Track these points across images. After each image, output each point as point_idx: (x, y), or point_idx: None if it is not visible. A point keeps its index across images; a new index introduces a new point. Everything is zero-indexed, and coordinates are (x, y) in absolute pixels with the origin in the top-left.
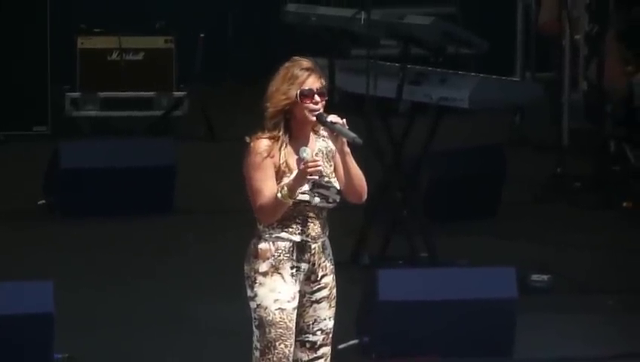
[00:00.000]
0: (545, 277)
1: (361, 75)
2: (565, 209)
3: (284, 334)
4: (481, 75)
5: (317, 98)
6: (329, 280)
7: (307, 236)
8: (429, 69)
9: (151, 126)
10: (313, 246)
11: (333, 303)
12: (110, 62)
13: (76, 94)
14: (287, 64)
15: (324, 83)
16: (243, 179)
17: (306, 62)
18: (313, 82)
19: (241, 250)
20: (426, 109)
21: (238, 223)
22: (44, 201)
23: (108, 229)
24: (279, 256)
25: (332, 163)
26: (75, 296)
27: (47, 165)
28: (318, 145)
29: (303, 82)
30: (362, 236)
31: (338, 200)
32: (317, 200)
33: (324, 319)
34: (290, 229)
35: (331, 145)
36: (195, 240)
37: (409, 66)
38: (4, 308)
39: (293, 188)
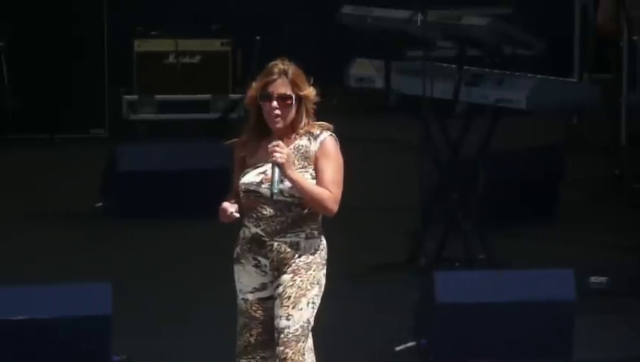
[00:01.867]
0: (603, 278)
1: (417, 76)
2: (624, 210)
3: (249, 324)
4: (539, 76)
5: (274, 103)
6: (287, 277)
7: (262, 231)
8: (486, 70)
9: (207, 129)
10: (269, 242)
11: (287, 302)
12: (167, 65)
13: (133, 97)
14: (274, 62)
15: (287, 93)
16: None
17: (282, 66)
18: (278, 87)
19: None
20: (482, 111)
21: None
22: (101, 204)
23: (164, 232)
24: (242, 245)
25: (306, 164)
26: (132, 298)
27: (104, 168)
28: (298, 142)
29: (269, 83)
30: (419, 238)
31: (295, 196)
32: (267, 192)
33: (277, 317)
34: (250, 220)
35: (313, 148)
36: None
37: (465, 68)
38: (63, 310)
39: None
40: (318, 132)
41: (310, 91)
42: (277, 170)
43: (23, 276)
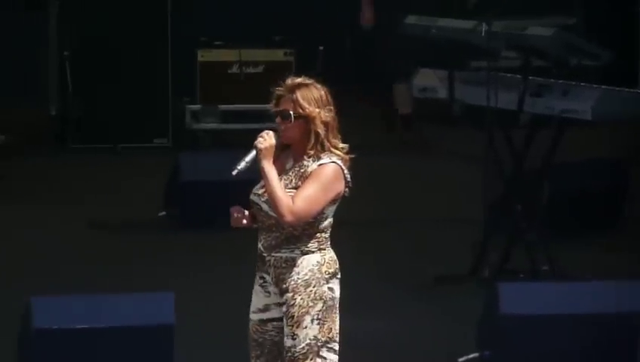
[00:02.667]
0: None
1: (481, 86)
2: None
3: (251, 345)
4: (604, 86)
5: (277, 119)
6: (288, 296)
7: (262, 246)
8: (551, 80)
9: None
10: (267, 258)
11: (291, 321)
12: (230, 75)
13: (196, 107)
14: (290, 78)
15: (288, 110)
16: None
17: (291, 83)
18: (282, 103)
19: (360, 261)
20: (547, 121)
21: (352, 234)
22: (164, 213)
23: (228, 241)
24: (256, 262)
25: (300, 183)
26: (195, 307)
27: (167, 177)
28: (302, 162)
29: (279, 99)
30: (482, 249)
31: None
32: (265, 206)
33: (285, 336)
34: (258, 235)
35: (310, 168)
36: None
37: (530, 78)
38: (126, 319)
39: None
40: (325, 157)
41: (316, 112)
42: (252, 153)
43: (87, 284)
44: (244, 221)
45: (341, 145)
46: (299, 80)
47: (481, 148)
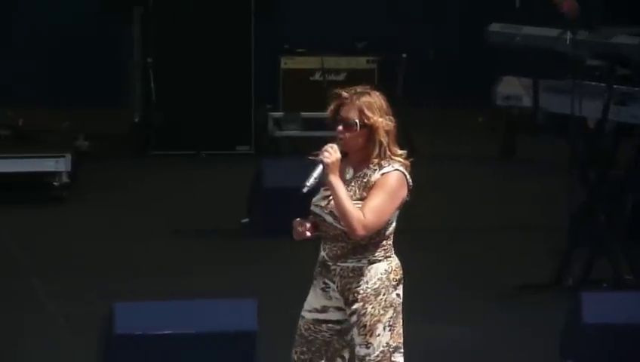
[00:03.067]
0: None
1: (566, 95)
2: None
3: (298, 340)
4: None
5: (340, 127)
6: (358, 306)
7: (327, 255)
8: (636, 89)
9: None
10: (333, 267)
11: (363, 331)
12: (313, 82)
13: (279, 114)
14: (351, 87)
15: (353, 119)
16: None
17: (355, 91)
18: (345, 111)
19: (442, 270)
20: (631, 130)
21: (437, 243)
22: (247, 220)
23: (310, 248)
24: (317, 266)
25: (365, 194)
26: (278, 314)
27: (250, 184)
28: (364, 171)
29: (340, 107)
30: (566, 258)
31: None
32: (329, 218)
33: (357, 345)
34: (321, 243)
35: (374, 178)
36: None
37: (615, 86)
38: (209, 325)
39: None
40: (386, 165)
41: (379, 121)
42: (319, 168)
43: (170, 291)
44: (308, 233)
45: (400, 151)
46: (360, 88)
47: (564, 156)
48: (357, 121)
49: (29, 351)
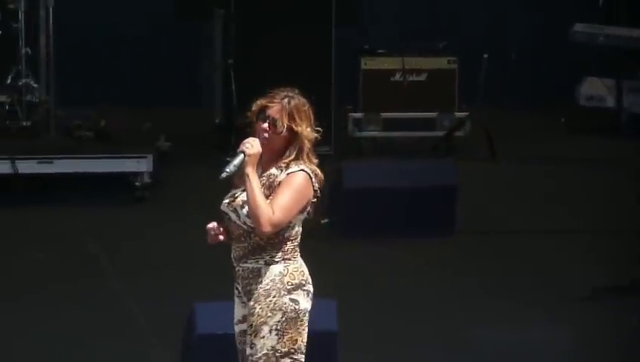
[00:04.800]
0: None
1: None
2: None
3: (238, 355)
4: None
5: (265, 125)
6: (250, 306)
7: (233, 256)
8: None
9: (433, 146)
10: (237, 268)
11: (250, 330)
12: (393, 83)
13: (359, 115)
14: (283, 89)
15: (282, 121)
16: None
17: (288, 94)
18: (275, 111)
19: (520, 274)
20: None
21: (518, 246)
22: (327, 220)
23: (389, 249)
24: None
25: (268, 193)
26: (357, 314)
27: (330, 185)
28: (270, 171)
29: (269, 106)
30: None
31: (249, 225)
32: (233, 216)
33: (246, 344)
34: (232, 246)
35: (280, 178)
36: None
37: None
38: None
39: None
40: (294, 166)
41: (306, 131)
42: (240, 157)
43: None
44: (221, 237)
45: (315, 160)
46: (291, 92)
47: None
48: (285, 124)
49: (110, 352)
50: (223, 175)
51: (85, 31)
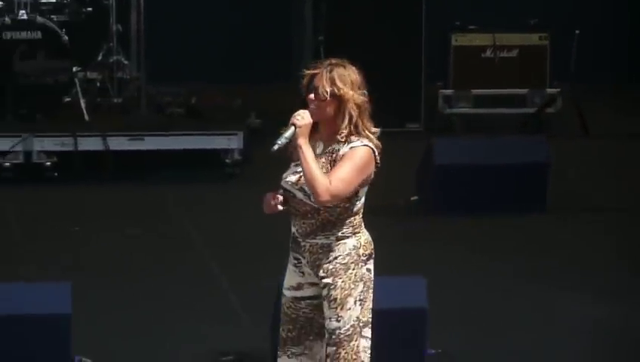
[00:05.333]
0: None
1: None
2: None
3: (283, 319)
4: None
5: (311, 95)
6: (328, 281)
7: (297, 231)
8: None
9: (524, 123)
10: (303, 243)
11: (334, 304)
12: (484, 59)
13: (449, 91)
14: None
15: (324, 88)
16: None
17: (330, 62)
18: (317, 80)
19: (613, 250)
20: None
21: (613, 223)
22: (416, 197)
23: (480, 226)
24: (290, 242)
25: (331, 168)
26: (445, 291)
27: (420, 162)
28: (333, 146)
29: (314, 77)
30: None
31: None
32: (299, 194)
33: (327, 319)
34: (292, 220)
35: (342, 152)
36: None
37: None
38: (380, 302)
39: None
40: (355, 140)
41: (350, 94)
42: (291, 130)
43: None
44: (280, 207)
45: (373, 128)
46: (337, 60)
47: None
48: (327, 90)
49: (200, 326)
50: (275, 147)
51: (175, 7)
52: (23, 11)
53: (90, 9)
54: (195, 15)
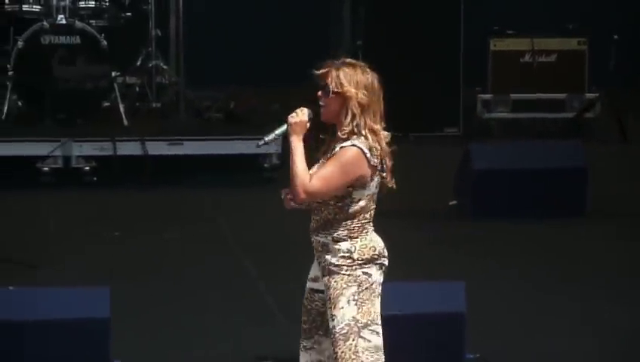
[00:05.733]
0: None
1: None
2: None
3: (302, 309)
4: None
5: (319, 92)
6: (325, 280)
7: (310, 226)
8: None
9: (562, 128)
10: (311, 239)
11: (329, 303)
12: (522, 64)
13: (488, 96)
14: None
15: (329, 85)
16: None
17: (338, 61)
18: (324, 77)
19: None
20: None
21: None
22: (455, 202)
23: (519, 231)
24: None
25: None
26: (484, 297)
27: (458, 166)
28: (334, 145)
29: (323, 75)
30: None
31: (323, 200)
32: None
33: (328, 318)
34: None
35: (335, 151)
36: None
37: None
38: (417, 306)
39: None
40: (349, 141)
41: (353, 92)
42: (284, 126)
43: None
44: (292, 203)
45: (383, 132)
46: (349, 60)
47: None
48: (331, 87)
49: (239, 329)
50: (260, 143)
51: (214, 11)
52: (62, 16)
53: (129, 14)
54: (233, 19)
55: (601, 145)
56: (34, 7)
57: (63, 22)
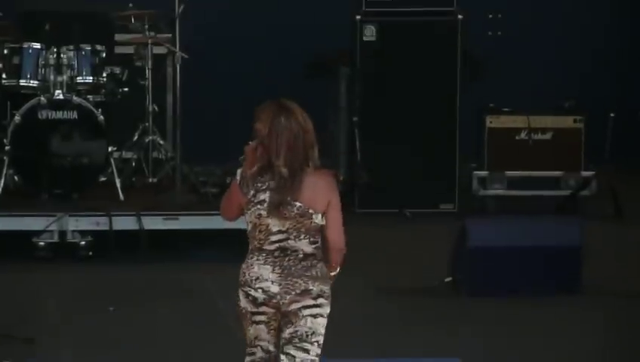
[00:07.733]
0: None
1: None
2: None
3: None
4: None
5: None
6: None
7: None
8: None
9: (558, 206)
10: None
11: None
12: (518, 141)
13: (484, 173)
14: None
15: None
16: None
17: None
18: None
19: None
20: None
21: None
22: (450, 279)
23: (515, 309)
24: None
25: None
26: None
27: (453, 243)
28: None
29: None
30: None
31: None
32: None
33: None
34: None
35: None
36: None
37: None
38: None
39: None
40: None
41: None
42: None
43: (371, 349)
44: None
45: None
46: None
47: None
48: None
49: None
50: None
51: (210, 88)
52: (59, 91)
53: (126, 89)
54: (232, 97)
55: (597, 223)
56: (31, 82)
57: (61, 97)
